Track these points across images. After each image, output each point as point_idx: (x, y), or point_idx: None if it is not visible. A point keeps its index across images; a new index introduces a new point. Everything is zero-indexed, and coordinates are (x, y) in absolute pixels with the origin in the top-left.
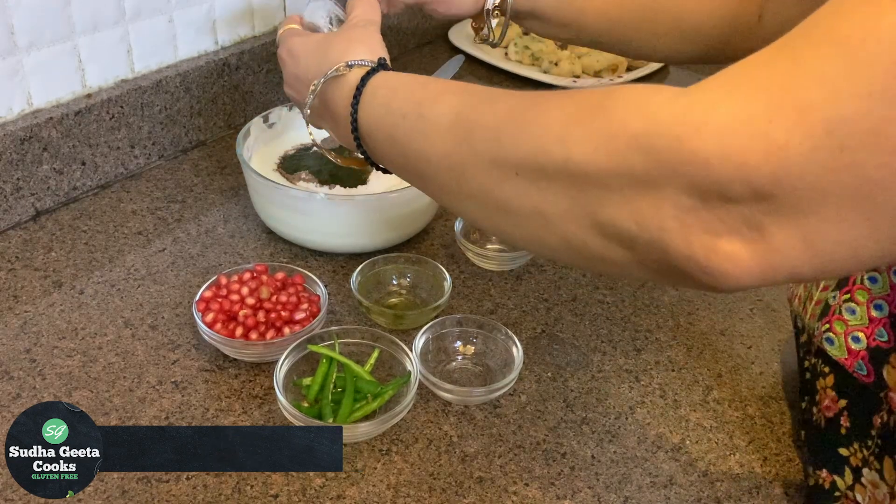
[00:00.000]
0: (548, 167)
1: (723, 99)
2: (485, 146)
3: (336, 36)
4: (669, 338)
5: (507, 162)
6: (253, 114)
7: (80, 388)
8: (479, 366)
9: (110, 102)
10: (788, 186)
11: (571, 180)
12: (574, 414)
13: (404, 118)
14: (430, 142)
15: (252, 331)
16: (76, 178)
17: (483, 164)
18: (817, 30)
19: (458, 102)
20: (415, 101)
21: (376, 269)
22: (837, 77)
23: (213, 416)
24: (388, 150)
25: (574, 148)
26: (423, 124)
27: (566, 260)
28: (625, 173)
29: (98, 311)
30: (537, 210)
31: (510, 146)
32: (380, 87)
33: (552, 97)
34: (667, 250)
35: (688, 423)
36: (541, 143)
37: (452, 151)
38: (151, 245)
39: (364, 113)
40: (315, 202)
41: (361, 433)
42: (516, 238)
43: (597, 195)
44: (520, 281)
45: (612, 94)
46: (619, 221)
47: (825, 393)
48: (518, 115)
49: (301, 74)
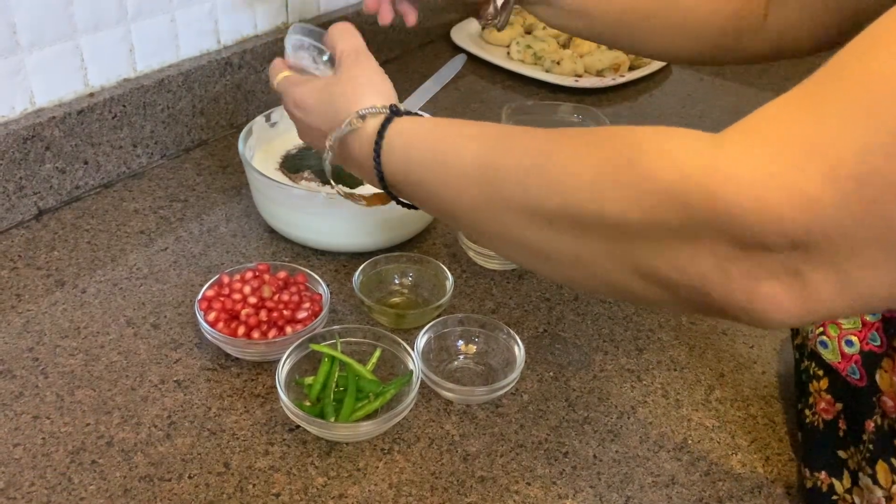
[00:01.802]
0: (582, 220)
1: (752, 150)
2: (513, 196)
3: (338, 81)
4: (671, 337)
5: (537, 212)
6: (255, 113)
7: (83, 387)
8: (480, 365)
9: (113, 101)
10: (823, 237)
11: (607, 232)
12: (576, 413)
13: (426, 169)
14: (457, 191)
15: (254, 330)
16: (79, 178)
17: (514, 213)
18: (841, 77)
19: (477, 149)
20: (434, 150)
21: (378, 268)
22: (866, 130)
23: (215, 414)
24: (416, 196)
25: (607, 204)
26: (447, 174)
27: (608, 297)
28: (661, 226)
29: (100, 310)
30: (575, 256)
31: (540, 197)
32: (397, 138)
33: (573, 141)
34: (709, 295)
35: (690, 423)
36: (572, 197)
37: (480, 200)
38: (154, 244)
39: (386, 163)
40: (317, 201)
41: (363, 432)
42: (556, 278)
43: (635, 245)
44: (522, 280)
45: (639, 145)
46: (660, 269)
47: (820, 396)
48: (543, 164)
49: (314, 125)
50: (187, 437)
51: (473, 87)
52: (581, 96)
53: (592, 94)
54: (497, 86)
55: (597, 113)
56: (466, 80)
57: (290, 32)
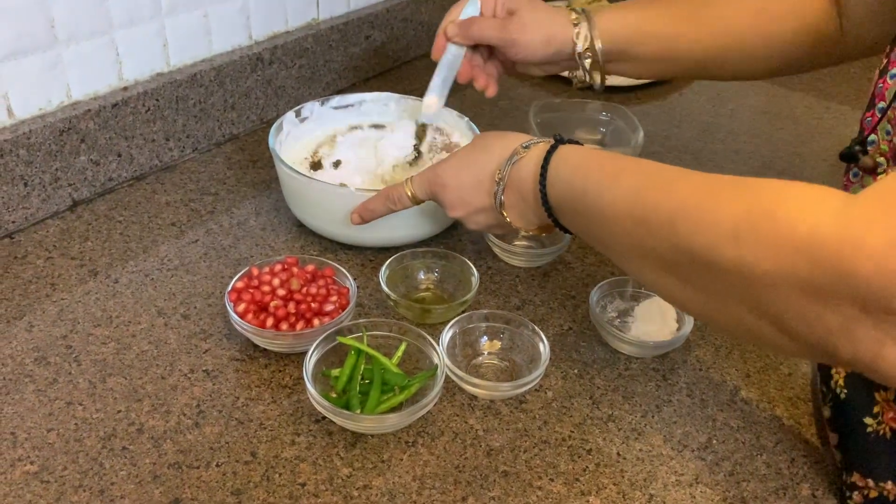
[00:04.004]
0: (720, 262)
1: (879, 218)
2: (661, 232)
3: (479, 139)
4: (697, 337)
5: (681, 249)
6: (285, 108)
7: (114, 375)
8: (505, 361)
9: (146, 95)
10: None
11: (742, 277)
12: (600, 411)
13: (585, 195)
14: (611, 221)
15: (282, 321)
16: (112, 170)
17: (659, 248)
18: None
19: (635, 184)
20: (595, 180)
21: (404, 263)
22: None
23: (243, 404)
24: (574, 223)
25: (745, 249)
26: (603, 204)
27: (739, 338)
28: (792, 278)
29: (132, 299)
30: (712, 293)
31: (685, 235)
32: (561, 164)
33: (722, 188)
34: (835, 351)
35: (715, 423)
36: (714, 239)
37: (631, 232)
38: (185, 236)
39: (552, 189)
40: (345, 196)
41: (388, 425)
42: (689, 310)
43: (767, 294)
44: (547, 278)
45: (784, 197)
46: (788, 320)
47: (889, 405)
48: (693, 206)
49: (466, 185)
50: (215, 426)
51: (501, 84)
52: (609, 94)
53: (621, 92)
54: (525, 83)
55: (625, 111)
56: None
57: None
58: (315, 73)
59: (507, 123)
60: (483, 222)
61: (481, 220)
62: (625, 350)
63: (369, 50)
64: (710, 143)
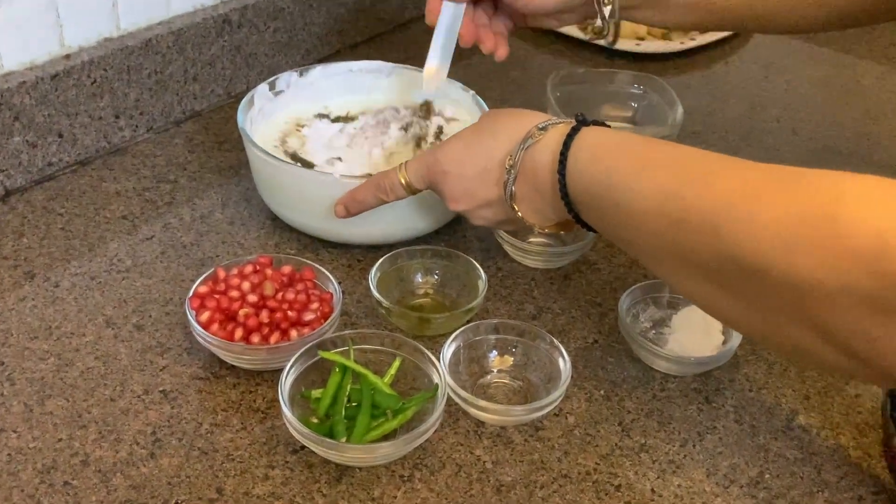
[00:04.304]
0: (770, 271)
1: None
2: (701, 235)
3: (489, 118)
4: (747, 352)
5: (724, 255)
6: (257, 80)
7: (54, 396)
8: (518, 380)
9: (92, 65)
10: None
11: (795, 289)
12: (631, 440)
13: (612, 188)
14: (642, 220)
15: (254, 333)
16: (52, 153)
17: (698, 253)
18: None
19: (669, 176)
20: (623, 170)
21: (399, 264)
22: None
23: (207, 431)
24: (598, 220)
25: (798, 258)
26: (631, 199)
27: (786, 356)
28: (852, 290)
29: (75, 307)
30: (761, 306)
31: (729, 239)
32: (584, 150)
33: (777, 182)
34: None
35: (767, 454)
36: (763, 245)
37: (665, 233)
38: (138, 232)
39: (572, 178)
40: (328, 184)
41: (380, 455)
42: (734, 325)
43: (824, 308)
44: (568, 281)
45: (845, 194)
46: (848, 338)
47: None
48: (739, 204)
49: (470, 173)
50: (174, 457)
51: (514, 51)
52: (643, 63)
53: (657, 60)
54: (542, 50)
55: (662, 84)
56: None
57: None
58: (292, 37)
59: (520, 99)
60: (490, 217)
61: (488, 215)
62: (660, 367)
63: (356, 10)
64: (761, 122)
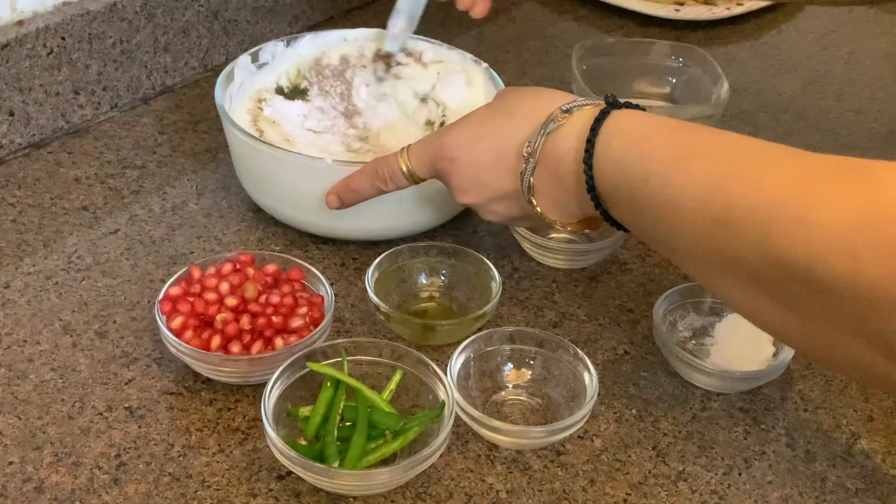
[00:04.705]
0: (828, 279)
1: None
2: (747, 236)
3: (505, 97)
4: (801, 366)
5: (773, 259)
6: (237, 50)
7: (4, 413)
8: (536, 397)
9: (48, 33)
10: None
11: (857, 299)
12: (667, 466)
13: (647, 181)
14: (680, 219)
15: (233, 341)
16: (1, 134)
17: (745, 257)
18: None
19: (712, 168)
20: (660, 160)
21: (400, 262)
22: None
23: (179, 454)
24: (629, 217)
25: (863, 263)
26: (669, 193)
27: (847, 375)
28: None
29: (28, 310)
30: (816, 318)
31: (780, 242)
32: (615, 137)
33: (837, 176)
34: None
35: (824, 483)
36: (819, 249)
37: (707, 234)
38: (100, 224)
39: (600, 169)
40: (320, 170)
41: (378, 483)
42: (784, 338)
43: (890, 321)
44: (595, 283)
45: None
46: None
47: None
48: (792, 201)
49: (482, 161)
50: (141, 484)
51: (533, 17)
52: (683, 32)
53: (698, 28)
54: (566, 17)
55: (704, 55)
56: (524, 9)
57: None
58: (278, 1)
59: (540, 73)
60: (503, 212)
61: (501, 210)
62: (701, 383)
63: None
64: (818, 100)
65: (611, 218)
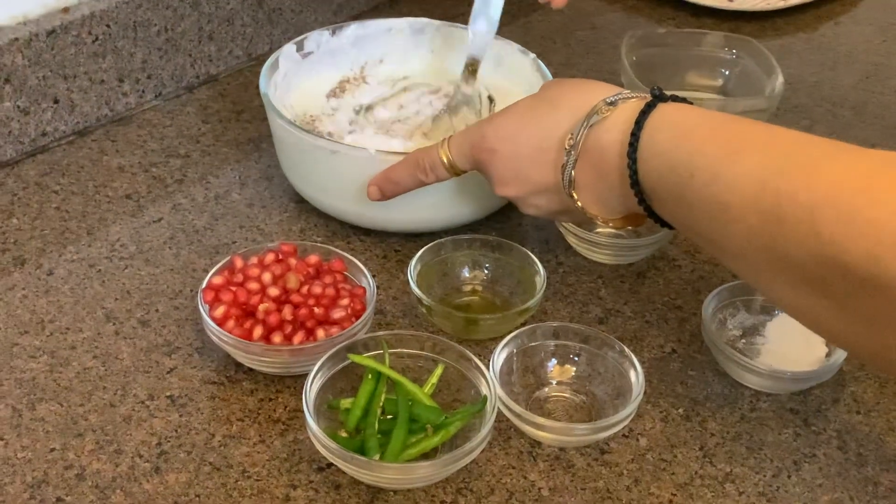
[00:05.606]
0: (884, 279)
1: None
2: (799, 234)
3: (550, 88)
4: (854, 367)
5: (827, 259)
6: (282, 39)
7: (47, 400)
8: (581, 394)
9: (93, 20)
10: None
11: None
12: (714, 467)
13: (693, 177)
14: (728, 216)
15: (275, 332)
16: (46, 121)
17: (796, 256)
18: None
19: (761, 163)
20: (708, 155)
21: (442, 255)
22: None
23: (219, 444)
24: (675, 214)
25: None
26: (717, 189)
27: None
28: None
29: (72, 298)
30: (871, 319)
31: (834, 241)
32: (661, 131)
33: (893, 169)
34: None
35: (878, 488)
36: (876, 247)
37: (758, 232)
38: (144, 213)
39: (645, 164)
40: (363, 160)
41: (418, 477)
42: (837, 340)
43: None
44: (643, 279)
45: None
46: None
47: None
48: (846, 199)
49: (523, 153)
50: (182, 473)
51: (581, 7)
52: (736, 23)
53: (753, 19)
54: (615, 6)
55: (758, 47)
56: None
57: None
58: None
59: (588, 63)
60: (544, 206)
61: (541, 203)
62: (751, 383)
63: None
64: (878, 94)
65: (655, 214)
